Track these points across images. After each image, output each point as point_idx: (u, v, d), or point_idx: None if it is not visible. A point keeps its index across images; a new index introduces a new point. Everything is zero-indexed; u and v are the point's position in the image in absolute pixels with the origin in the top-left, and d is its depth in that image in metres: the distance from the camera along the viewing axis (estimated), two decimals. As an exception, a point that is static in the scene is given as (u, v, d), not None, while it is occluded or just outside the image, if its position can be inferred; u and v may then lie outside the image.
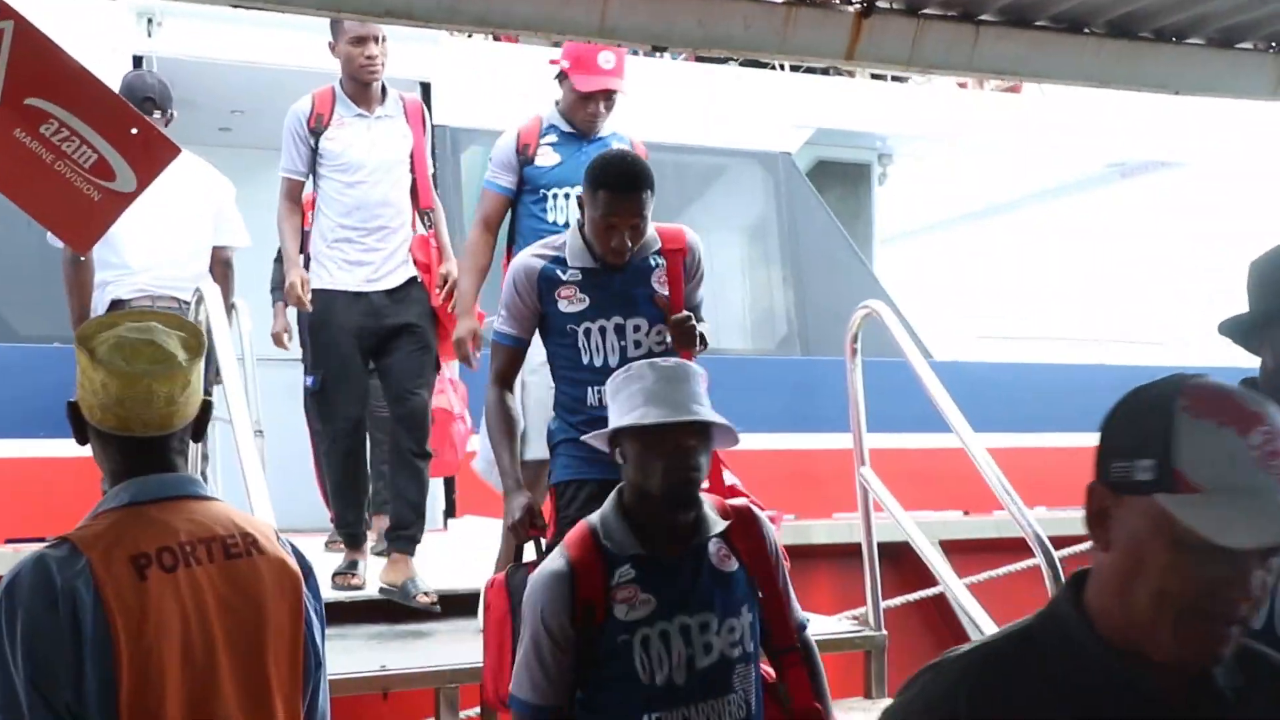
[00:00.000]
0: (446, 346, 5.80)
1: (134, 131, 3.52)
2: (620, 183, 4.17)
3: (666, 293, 4.31)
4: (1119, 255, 10.55)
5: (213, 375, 5.28)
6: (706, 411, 3.17)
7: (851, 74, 9.90)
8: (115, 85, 5.49)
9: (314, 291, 5.61)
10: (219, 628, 2.58)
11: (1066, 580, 1.78)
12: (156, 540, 2.55)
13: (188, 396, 2.62)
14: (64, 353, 3.87)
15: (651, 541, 3.19)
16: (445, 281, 5.70)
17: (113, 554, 2.49)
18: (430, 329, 5.75)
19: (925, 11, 4.00)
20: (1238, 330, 2.71)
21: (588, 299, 4.24)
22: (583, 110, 5.39)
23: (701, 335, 4.33)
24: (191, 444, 2.76)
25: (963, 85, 10.56)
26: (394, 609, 5.40)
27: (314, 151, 5.67)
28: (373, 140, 5.67)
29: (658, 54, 9.53)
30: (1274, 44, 4.31)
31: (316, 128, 5.65)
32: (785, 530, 4.56)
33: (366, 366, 5.77)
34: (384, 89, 5.77)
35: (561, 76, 5.44)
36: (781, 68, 10.01)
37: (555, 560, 3.22)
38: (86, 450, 2.71)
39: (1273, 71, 4.28)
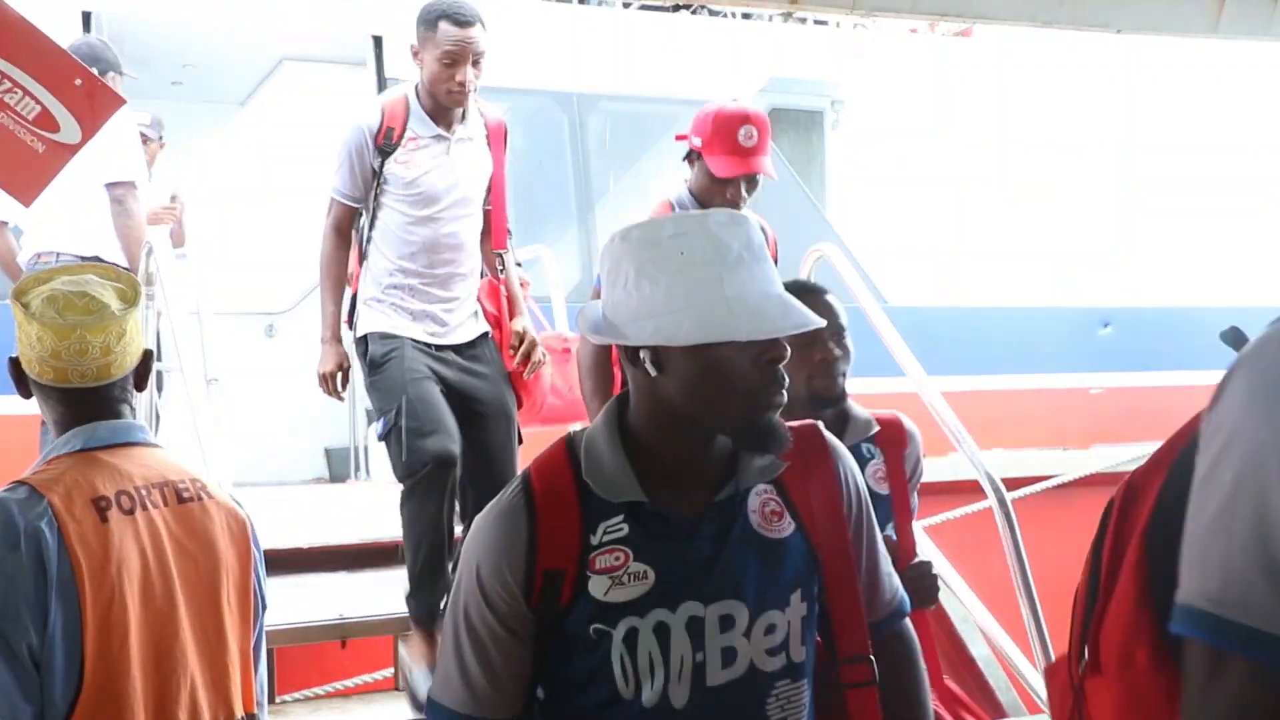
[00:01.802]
0: (523, 415, 4.86)
1: (77, 83, 3.50)
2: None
3: (884, 491, 3.29)
4: (1075, 199, 10.61)
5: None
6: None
7: (802, 20, 9.91)
8: (62, 41, 5.40)
9: (371, 333, 4.59)
10: (176, 569, 2.62)
11: None
12: (114, 484, 2.58)
13: (124, 345, 2.65)
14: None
15: (660, 486, 2.10)
16: (521, 341, 4.75)
17: (74, 496, 2.51)
18: (512, 398, 4.76)
19: (868, -45, 4.01)
20: None
21: None
22: (720, 195, 4.50)
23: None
24: (137, 394, 2.77)
25: (913, 31, 10.59)
26: (352, 557, 5.42)
27: (375, 174, 4.59)
28: (452, 167, 4.64)
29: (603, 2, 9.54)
30: (1213, -18, 4.35)
31: (385, 146, 4.56)
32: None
33: (440, 394, 4.56)
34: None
35: (692, 155, 4.57)
36: (734, 16, 10.01)
37: (513, 495, 2.12)
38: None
39: (1212, 10, 4.31)
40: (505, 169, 4.84)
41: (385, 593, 5.00)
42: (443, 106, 4.57)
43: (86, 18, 7.66)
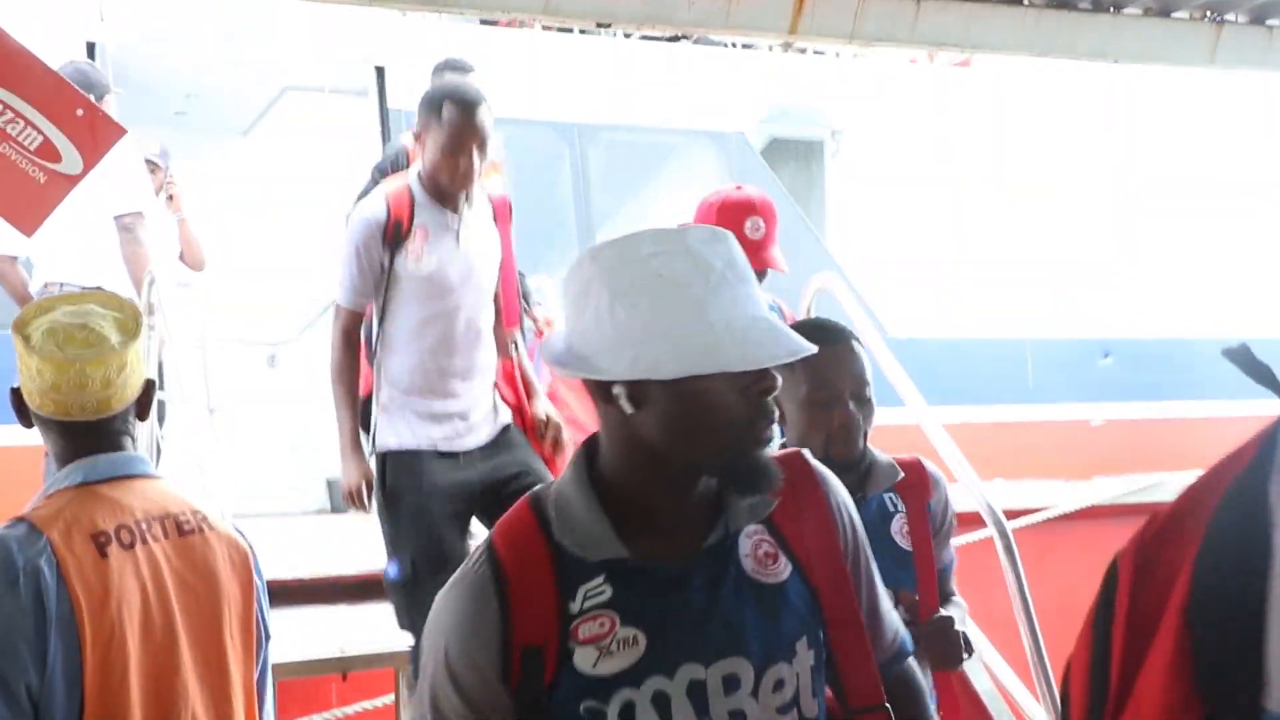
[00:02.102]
0: None
1: (79, 113, 3.52)
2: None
3: (909, 546, 3.02)
4: (1075, 227, 10.62)
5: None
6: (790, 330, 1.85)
7: (802, 50, 9.93)
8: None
9: (390, 453, 4.43)
10: (177, 603, 2.61)
11: None
12: (114, 518, 2.57)
13: (125, 378, 2.63)
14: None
15: (641, 537, 1.85)
16: (546, 426, 4.66)
17: (73, 532, 2.50)
18: (543, 468, 4.54)
19: (867, -14, 4.03)
20: None
21: None
22: None
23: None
24: (139, 423, 2.76)
25: (913, 61, 10.62)
26: (355, 588, 5.41)
27: (384, 270, 4.37)
28: (464, 254, 4.43)
29: (600, 30, 9.57)
30: (1209, 13, 4.38)
31: (394, 239, 4.34)
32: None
33: (464, 538, 4.46)
34: None
35: None
36: (734, 47, 10.05)
37: (476, 566, 1.88)
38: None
39: (1208, 40, 4.33)
40: (512, 246, 4.71)
41: (387, 625, 4.99)
42: (447, 192, 4.40)
43: (91, 48, 7.69)
